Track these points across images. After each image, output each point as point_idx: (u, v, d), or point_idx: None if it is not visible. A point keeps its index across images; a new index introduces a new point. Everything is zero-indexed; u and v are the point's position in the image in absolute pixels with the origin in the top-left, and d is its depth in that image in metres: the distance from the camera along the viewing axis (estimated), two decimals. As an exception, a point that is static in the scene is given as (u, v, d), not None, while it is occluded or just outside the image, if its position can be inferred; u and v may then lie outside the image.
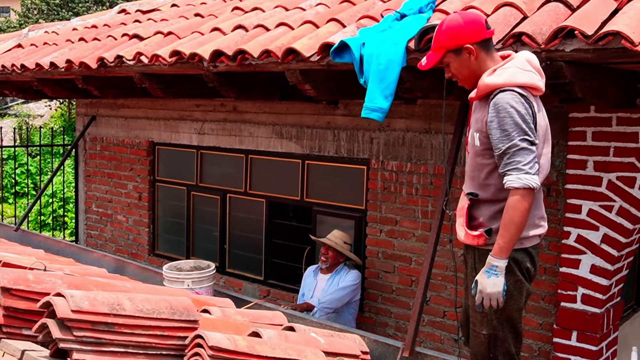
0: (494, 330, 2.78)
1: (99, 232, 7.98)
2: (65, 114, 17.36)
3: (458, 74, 2.73)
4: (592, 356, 4.31)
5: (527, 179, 2.51)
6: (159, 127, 7.14)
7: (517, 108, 2.54)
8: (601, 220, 4.22)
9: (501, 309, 2.67)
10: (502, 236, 2.54)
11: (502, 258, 2.54)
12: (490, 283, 2.55)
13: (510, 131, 2.52)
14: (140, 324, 2.25)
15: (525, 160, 2.52)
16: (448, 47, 2.66)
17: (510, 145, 2.52)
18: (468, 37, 2.64)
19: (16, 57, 6.46)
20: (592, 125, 4.23)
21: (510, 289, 2.69)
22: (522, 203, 2.50)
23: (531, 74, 2.67)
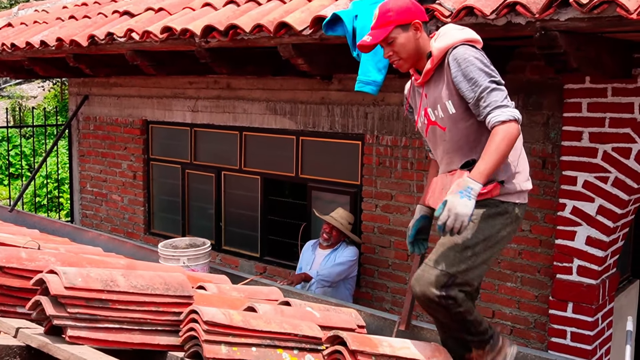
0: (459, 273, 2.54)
1: (94, 212, 7.96)
2: (58, 95, 17.25)
3: (402, 50, 2.67)
4: (588, 327, 4.33)
5: (510, 111, 2.47)
6: (152, 106, 7.09)
7: (475, 55, 2.53)
8: (597, 191, 4.22)
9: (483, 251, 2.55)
10: (486, 162, 2.45)
11: (479, 182, 2.43)
12: (462, 203, 2.39)
13: (476, 77, 2.50)
14: (135, 300, 2.24)
15: (501, 97, 2.50)
16: (397, 22, 2.64)
17: (482, 89, 2.49)
18: (416, 14, 2.67)
19: (6, 36, 6.39)
20: (587, 97, 4.21)
21: (503, 236, 2.62)
22: (510, 132, 2.45)
23: (467, 29, 2.68)
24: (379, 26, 2.66)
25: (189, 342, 2.25)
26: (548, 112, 4.49)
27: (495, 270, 4.81)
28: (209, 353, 2.14)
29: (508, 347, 2.71)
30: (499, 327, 4.81)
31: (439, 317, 2.62)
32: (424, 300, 2.54)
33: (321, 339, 2.46)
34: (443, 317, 2.59)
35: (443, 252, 2.55)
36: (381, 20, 2.66)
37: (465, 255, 2.52)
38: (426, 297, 2.51)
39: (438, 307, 2.52)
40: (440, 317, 2.61)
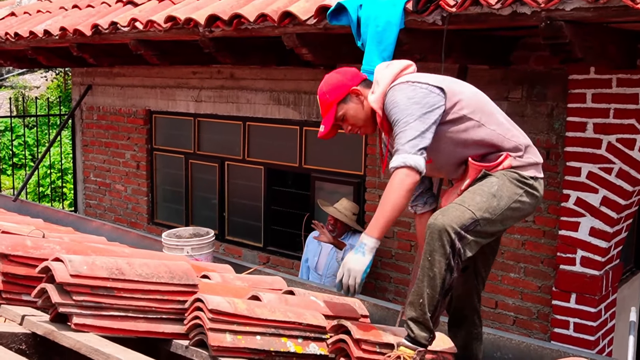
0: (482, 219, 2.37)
1: (97, 202, 7.97)
2: (61, 84, 17.24)
3: (356, 120, 2.64)
4: (591, 318, 4.34)
5: (401, 158, 2.37)
6: (156, 95, 7.09)
7: (398, 97, 2.47)
8: (601, 182, 4.21)
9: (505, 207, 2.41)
10: (376, 214, 2.42)
11: (372, 237, 2.39)
12: (355, 259, 2.37)
13: (395, 119, 2.45)
14: (140, 288, 2.25)
15: (403, 140, 2.39)
16: (337, 100, 2.62)
17: (396, 133, 2.44)
18: (349, 82, 2.63)
19: (9, 25, 6.39)
20: (592, 87, 4.19)
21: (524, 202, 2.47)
22: (397, 180, 2.37)
23: (393, 64, 2.63)
24: (323, 112, 2.66)
25: (193, 330, 2.25)
26: (552, 103, 4.48)
27: (498, 261, 4.80)
28: (214, 341, 2.15)
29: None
30: (502, 317, 4.82)
31: (435, 262, 2.33)
32: (440, 232, 2.32)
33: (325, 328, 2.47)
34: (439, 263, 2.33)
35: (470, 196, 2.43)
36: (323, 106, 2.66)
37: (492, 204, 2.40)
38: (444, 230, 2.31)
39: (447, 248, 2.31)
40: (436, 262, 2.33)
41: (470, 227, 2.34)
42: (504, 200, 2.42)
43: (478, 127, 2.49)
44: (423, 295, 2.36)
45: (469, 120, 2.48)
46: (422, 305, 2.36)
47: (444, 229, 2.31)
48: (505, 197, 2.42)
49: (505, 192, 2.43)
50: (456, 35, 3.83)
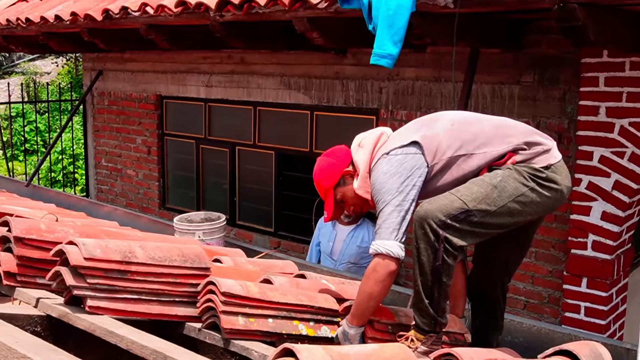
0: (476, 210, 2.31)
1: (109, 187, 8.01)
2: (72, 70, 17.27)
3: (356, 200, 2.63)
4: (602, 302, 4.33)
5: (375, 245, 2.37)
6: (166, 81, 7.09)
7: (375, 177, 2.47)
8: (613, 166, 4.19)
9: (509, 200, 2.34)
10: (355, 304, 2.43)
11: (354, 325, 2.40)
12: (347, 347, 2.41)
13: (376, 199, 2.44)
14: (153, 271, 2.27)
15: (378, 225, 2.39)
16: (332, 185, 2.62)
17: (378, 210, 2.43)
18: (340, 164, 2.63)
19: (21, 10, 6.40)
20: (604, 71, 4.16)
21: (535, 199, 2.38)
22: (372, 269, 2.37)
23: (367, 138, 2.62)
24: (323, 198, 2.67)
25: (206, 313, 2.27)
26: (564, 87, 4.45)
27: (509, 246, 4.80)
28: (227, 324, 2.17)
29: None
30: (513, 302, 4.82)
31: (422, 250, 2.32)
32: (422, 220, 2.30)
33: (337, 311, 2.48)
34: (425, 251, 2.31)
35: (468, 186, 2.38)
36: (320, 192, 2.67)
37: (491, 195, 2.32)
38: (425, 218, 2.29)
39: (430, 236, 2.29)
40: (422, 250, 2.32)
41: (459, 216, 2.29)
42: (507, 191, 2.34)
43: (469, 159, 2.43)
44: (417, 282, 2.37)
45: (457, 159, 2.43)
46: (418, 292, 2.37)
47: (425, 218, 2.30)
48: (510, 189, 2.34)
49: (510, 184, 2.35)
50: (468, 19, 3.80)
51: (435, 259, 2.30)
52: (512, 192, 2.35)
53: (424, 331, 2.39)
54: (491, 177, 2.36)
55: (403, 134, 2.52)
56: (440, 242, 2.28)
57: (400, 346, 1.90)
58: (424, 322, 2.38)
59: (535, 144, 2.45)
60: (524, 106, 4.63)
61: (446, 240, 2.28)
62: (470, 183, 2.38)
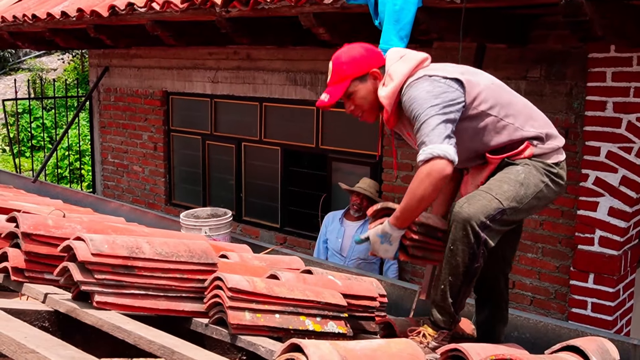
0: (509, 208, 2.32)
1: (115, 183, 8.03)
2: (78, 66, 17.31)
3: (364, 103, 2.49)
4: (609, 298, 4.32)
5: (429, 149, 2.25)
6: (172, 77, 7.10)
7: (417, 92, 2.34)
8: (620, 162, 4.17)
9: (531, 196, 2.36)
10: (402, 207, 2.35)
11: (397, 227, 2.36)
12: (382, 249, 2.41)
13: (415, 113, 2.32)
14: (160, 267, 2.27)
15: (427, 130, 2.28)
16: (354, 75, 2.47)
17: (418, 126, 2.31)
18: (372, 62, 2.49)
19: (27, 7, 6.42)
20: (612, 66, 4.14)
21: (547, 194, 2.41)
22: (427, 172, 2.25)
23: (408, 55, 2.48)
24: (334, 82, 2.50)
25: (213, 308, 2.27)
26: (571, 82, 4.44)
27: (515, 241, 4.79)
28: (233, 319, 2.17)
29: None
30: (519, 297, 4.82)
31: (459, 251, 2.31)
32: (464, 222, 2.27)
33: (344, 307, 2.48)
34: (462, 253, 2.30)
35: (498, 184, 2.36)
36: (336, 76, 2.50)
37: (519, 193, 2.33)
38: (469, 220, 2.27)
39: (471, 238, 2.28)
40: (459, 251, 2.30)
41: (496, 216, 2.30)
42: (530, 188, 2.36)
43: (497, 123, 2.40)
44: (445, 282, 2.36)
45: (487, 117, 2.39)
46: (444, 291, 2.37)
47: (469, 220, 2.27)
48: (532, 186, 2.36)
49: (532, 180, 2.37)
50: (474, 14, 3.79)
51: (473, 260, 2.31)
52: (534, 189, 2.37)
53: (439, 327, 2.40)
54: (515, 174, 2.36)
55: (446, 69, 2.42)
56: (481, 244, 2.29)
57: (407, 341, 1.90)
58: (442, 319, 2.40)
59: (552, 138, 2.47)
60: (531, 101, 4.58)
61: (485, 242, 2.30)
62: (498, 181, 2.37)
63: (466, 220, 2.28)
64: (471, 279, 2.35)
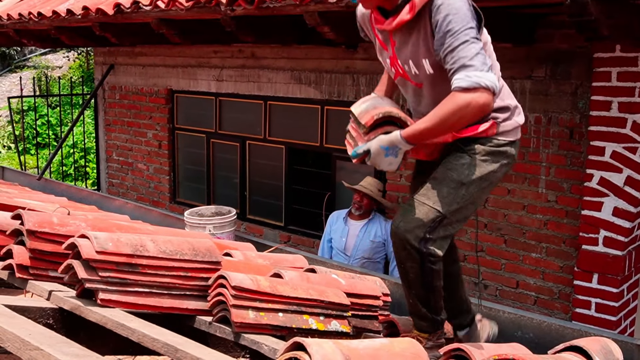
0: (450, 214, 2.24)
1: (120, 181, 8.04)
2: (83, 64, 17.33)
3: None
4: (613, 298, 4.31)
5: (476, 76, 2.04)
6: (177, 75, 7.11)
7: (460, 3, 2.11)
8: (625, 162, 4.17)
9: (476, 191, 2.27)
10: (426, 125, 2.14)
11: (410, 143, 2.17)
12: (386, 162, 2.20)
13: (453, 27, 2.08)
14: (164, 265, 2.27)
15: (471, 54, 2.06)
16: None
17: (452, 42, 2.08)
18: None
19: (33, 5, 6.43)
20: (617, 66, 4.14)
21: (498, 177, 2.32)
22: (468, 102, 2.05)
23: None
24: None
25: (217, 306, 2.28)
26: (576, 82, 4.43)
27: (520, 241, 4.79)
28: (237, 318, 2.17)
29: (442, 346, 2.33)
30: (523, 297, 4.81)
31: (408, 269, 2.27)
32: (403, 242, 2.21)
33: (347, 305, 2.48)
34: (412, 269, 2.26)
35: (435, 187, 2.24)
36: None
37: (460, 194, 2.23)
38: (407, 239, 2.20)
39: (414, 255, 2.22)
40: (409, 268, 2.27)
41: (436, 225, 2.21)
42: (474, 184, 2.25)
43: None
44: (411, 295, 2.35)
45: None
46: (414, 303, 2.36)
47: (407, 239, 2.21)
48: (476, 180, 2.25)
49: (476, 174, 2.24)
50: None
51: (424, 274, 2.25)
52: (478, 183, 2.27)
53: (427, 331, 2.40)
54: (458, 171, 2.24)
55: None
56: (425, 258, 2.22)
57: (410, 341, 1.90)
58: (425, 325, 2.39)
59: (517, 113, 2.34)
60: (536, 101, 4.61)
61: (429, 254, 2.22)
62: (437, 182, 2.25)
63: (404, 240, 2.22)
64: (432, 286, 2.29)
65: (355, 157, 2.28)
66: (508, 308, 3.09)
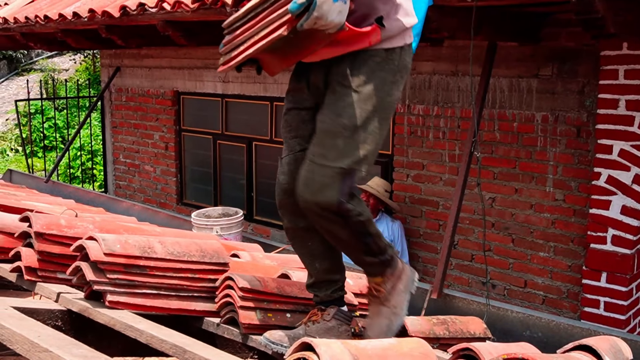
0: (356, 164, 1.96)
1: (127, 183, 8.06)
2: (90, 67, 17.38)
3: None
4: (622, 297, 4.30)
5: None
6: (183, 77, 7.12)
7: None
8: (633, 160, 4.15)
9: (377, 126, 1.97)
10: None
11: None
12: (336, 10, 1.75)
13: None
14: (171, 266, 2.28)
15: None
16: None
17: None
18: None
19: (39, 8, 6.45)
20: (624, 63, 4.12)
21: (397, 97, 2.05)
22: None
23: None
24: None
25: (224, 308, 2.28)
26: (583, 80, 4.42)
27: (527, 240, 4.78)
28: (245, 319, 2.17)
29: (409, 271, 2.18)
30: (531, 296, 4.80)
31: (336, 231, 2.01)
32: (316, 210, 1.95)
33: (355, 306, 2.48)
34: (341, 231, 2.00)
35: (329, 142, 1.95)
36: None
37: (358, 139, 1.94)
38: (321, 208, 1.93)
39: (335, 218, 1.96)
40: (336, 231, 2.01)
41: (347, 181, 1.94)
42: (371, 122, 1.95)
43: None
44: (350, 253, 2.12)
45: None
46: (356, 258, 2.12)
47: (320, 208, 1.94)
48: (372, 116, 1.95)
49: (369, 109, 1.94)
50: (485, 12, 3.78)
51: (354, 229, 2.00)
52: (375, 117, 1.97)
53: (381, 274, 2.13)
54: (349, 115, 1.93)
55: None
56: (348, 215, 1.95)
57: (418, 340, 1.89)
58: (378, 270, 2.13)
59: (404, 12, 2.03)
60: (543, 99, 4.60)
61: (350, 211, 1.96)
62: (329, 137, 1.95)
63: (317, 211, 1.95)
64: (368, 232, 2.04)
65: (295, 12, 1.77)
66: (516, 307, 3.09)
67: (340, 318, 2.18)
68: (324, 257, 2.22)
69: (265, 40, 1.90)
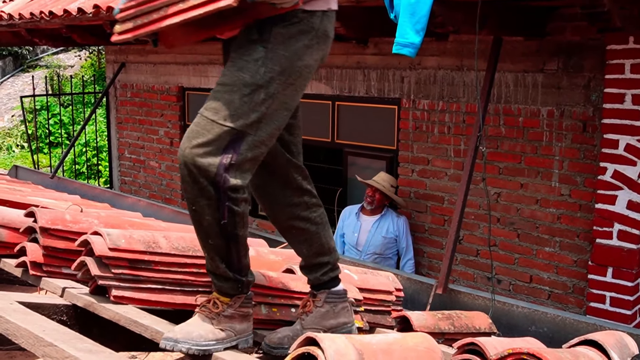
0: (248, 128, 1.76)
1: (132, 179, 8.07)
2: (95, 63, 17.40)
3: None
4: (628, 292, 4.28)
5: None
6: (188, 72, 7.12)
7: None
8: (639, 154, 4.13)
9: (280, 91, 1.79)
10: None
11: None
12: None
13: None
14: (176, 261, 2.27)
15: None
16: None
17: None
18: None
19: (44, 4, 6.45)
20: (630, 58, 4.10)
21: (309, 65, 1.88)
22: None
23: None
24: None
25: (229, 302, 2.28)
26: (589, 74, 4.40)
27: (533, 235, 4.77)
28: (250, 313, 2.17)
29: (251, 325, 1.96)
30: (537, 292, 4.79)
31: (201, 209, 1.76)
32: (193, 174, 1.71)
33: (360, 300, 2.48)
34: (206, 211, 1.75)
35: (224, 96, 1.78)
36: None
37: (257, 100, 1.75)
38: (198, 169, 1.70)
39: (209, 191, 1.72)
40: (202, 209, 1.75)
41: (233, 146, 1.73)
42: (275, 83, 1.77)
43: None
44: (206, 247, 1.87)
45: None
46: (211, 258, 1.89)
47: (197, 169, 1.71)
48: (278, 77, 1.78)
49: (276, 68, 1.77)
50: (490, 7, 3.76)
51: (222, 217, 1.76)
52: (282, 79, 1.79)
53: (229, 294, 1.91)
54: (252, 70, 1.75)
55: None
56: (224, 193, 1.73)
57: (423, 335, 1.89)
58: (228, 286, 1.91)
59: None
60: (548, 94, 4.58)
61: (229, 188, 1.73)
62: (226, 91, 1.78)
63: (193, 171, 1.71)
64: (235, 234, 1.82)
65: None
66: (522, 302, 3.08)
67: (333, 299, 2.13)
68: (310, 242, 2.15)
69: (205, 9, 1.64)
